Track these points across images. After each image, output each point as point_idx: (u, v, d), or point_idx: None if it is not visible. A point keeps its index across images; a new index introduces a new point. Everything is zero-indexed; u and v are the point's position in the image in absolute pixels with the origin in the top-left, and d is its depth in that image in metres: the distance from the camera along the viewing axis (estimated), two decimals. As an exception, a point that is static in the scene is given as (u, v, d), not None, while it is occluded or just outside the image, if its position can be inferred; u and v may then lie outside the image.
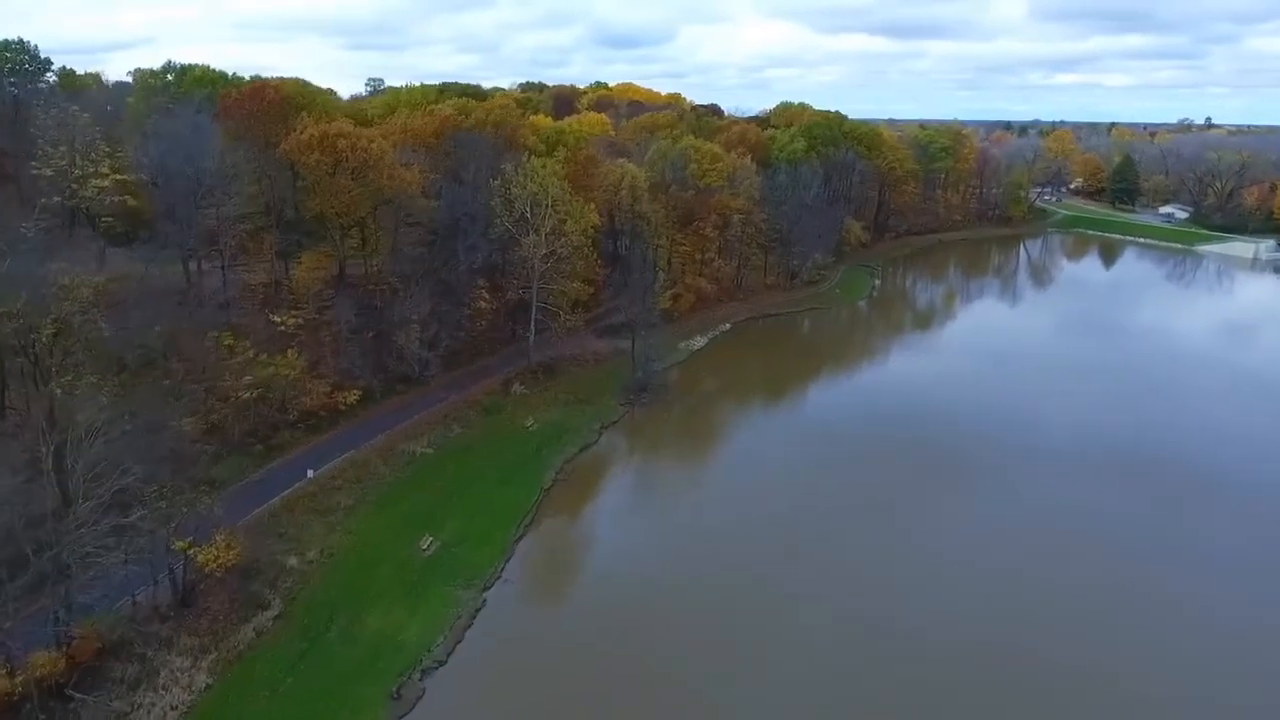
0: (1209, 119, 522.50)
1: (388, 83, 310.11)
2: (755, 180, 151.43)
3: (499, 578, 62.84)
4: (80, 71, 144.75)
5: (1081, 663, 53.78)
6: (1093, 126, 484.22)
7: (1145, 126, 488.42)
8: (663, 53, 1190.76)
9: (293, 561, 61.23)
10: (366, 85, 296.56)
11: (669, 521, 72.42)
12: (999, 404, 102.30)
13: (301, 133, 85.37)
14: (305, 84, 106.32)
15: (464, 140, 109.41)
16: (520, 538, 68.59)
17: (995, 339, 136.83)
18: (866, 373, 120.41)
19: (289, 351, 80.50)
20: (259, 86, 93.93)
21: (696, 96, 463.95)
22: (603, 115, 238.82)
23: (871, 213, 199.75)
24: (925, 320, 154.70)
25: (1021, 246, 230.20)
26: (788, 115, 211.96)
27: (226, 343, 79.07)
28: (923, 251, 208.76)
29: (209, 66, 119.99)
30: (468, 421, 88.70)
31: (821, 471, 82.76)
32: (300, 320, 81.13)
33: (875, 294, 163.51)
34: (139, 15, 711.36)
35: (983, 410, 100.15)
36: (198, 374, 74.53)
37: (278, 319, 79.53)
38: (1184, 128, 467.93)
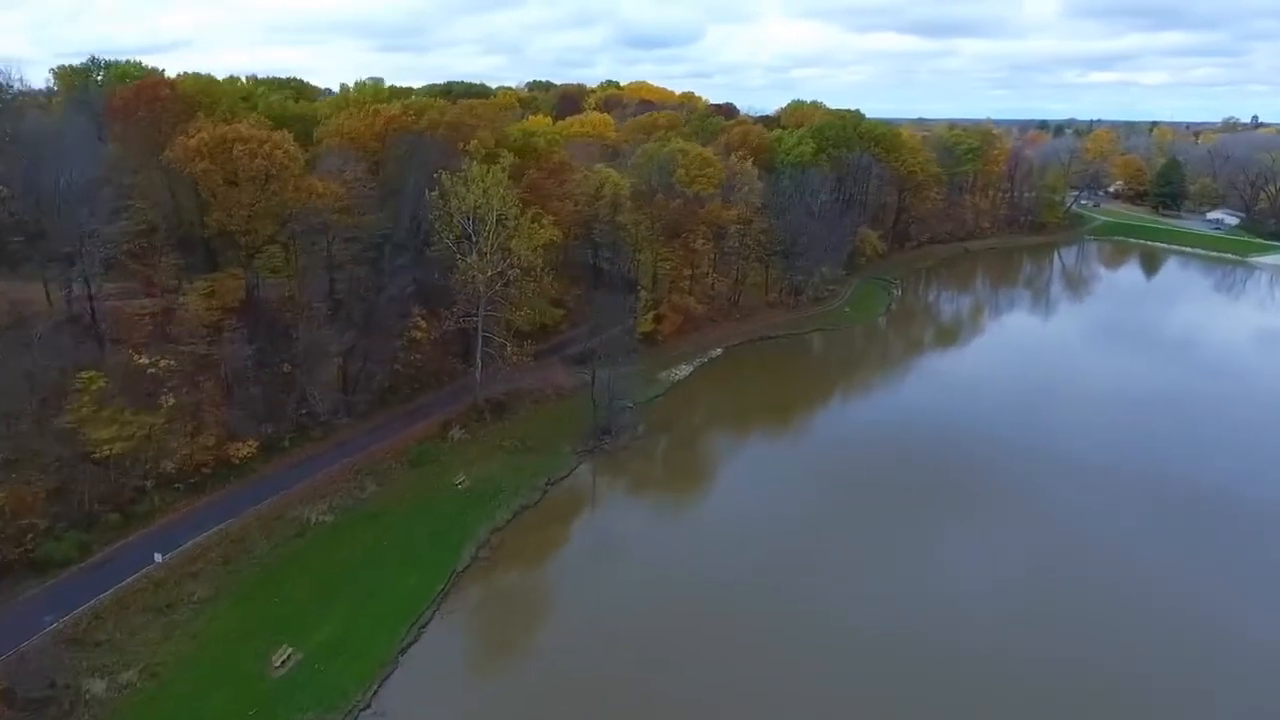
0: (1255, 117, 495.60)
1: (409, 84, 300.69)
2: (756, 186, 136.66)
3: (366, 707, 48.94)
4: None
5: (1091, 673, 52.45)
6: (1131, 126, 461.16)
7: (1188, 126, 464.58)
8: (689, 53, 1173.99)
9: (98, 687, 47.68)
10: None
11: (609, 620, 57.80)
12: (1026, 446, 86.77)
13: (191, 137, 72.16)
14: (212, 79, 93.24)
15: (408, 144, 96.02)
16: (410, 645, 54.56)
17: (1023, 365, 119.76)
18: (870, 407, 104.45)
19: (165, 396, 67.49)
20: (149, 83, 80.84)
21: (723, 97, 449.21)
22: (607, 115, 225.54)
23: (890, 220, 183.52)
24: (944, 342, 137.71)
25: (1056, 256, 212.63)
26: (799, 115, 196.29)
27: (95, 386, 66.00)
28: (947, 262, 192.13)
29: (139, 62, 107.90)
30: (385, 477, 74.93)
31: (815, 532, 69.00)
32: (173, 363, 67.60)
33: (890, 312, 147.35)
34: (177, 19, 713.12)
35: (1005, 454, 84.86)
36: (35, 427, 61.49)
37: (145, 359, 66.07)
38: (1230, 127, 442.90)
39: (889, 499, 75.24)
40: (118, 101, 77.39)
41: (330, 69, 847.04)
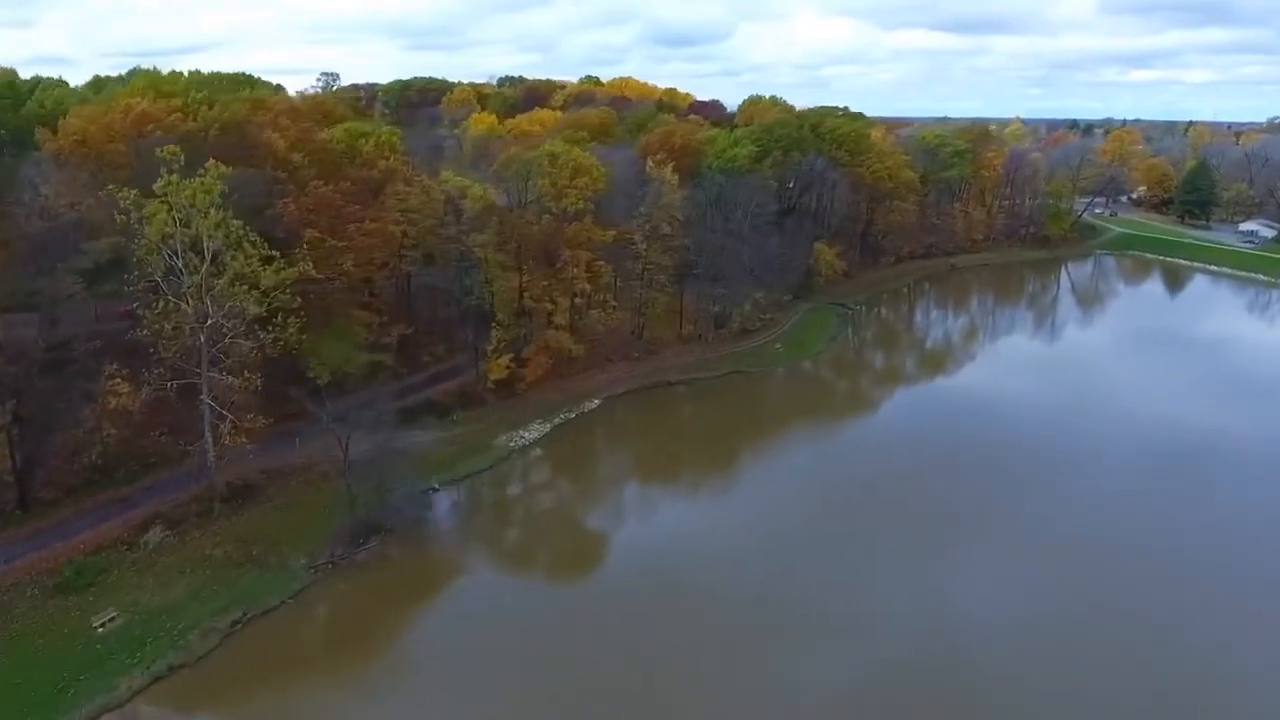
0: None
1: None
2: (674, 197, 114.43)
3: None
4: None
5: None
6: (1169, 126, 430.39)
7: (1229, 126, 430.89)
8: (719, 51, 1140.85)
9: None
10: (318, 80, 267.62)
11: None
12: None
13: None
14: None
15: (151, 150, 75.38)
16: None
17: (995, 428, 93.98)
18: (760, 494, 79.88)
19: None
20: None
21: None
22: (557, 113, 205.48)
23: (857, 234, 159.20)
24: (886, 392, 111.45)
25: (1064, 272, 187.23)
26: (751, 112, 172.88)
27: None
28: (929, 280, 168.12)
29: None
30: (2, 613, 53.74)
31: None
32: None
33: (831, 349, 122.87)
34: (214, 19, 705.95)
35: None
36: None
37: None
38: (1275, 127, 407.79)
39: (769, 646, 52.70)
40: None
41: (364, 68, 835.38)
